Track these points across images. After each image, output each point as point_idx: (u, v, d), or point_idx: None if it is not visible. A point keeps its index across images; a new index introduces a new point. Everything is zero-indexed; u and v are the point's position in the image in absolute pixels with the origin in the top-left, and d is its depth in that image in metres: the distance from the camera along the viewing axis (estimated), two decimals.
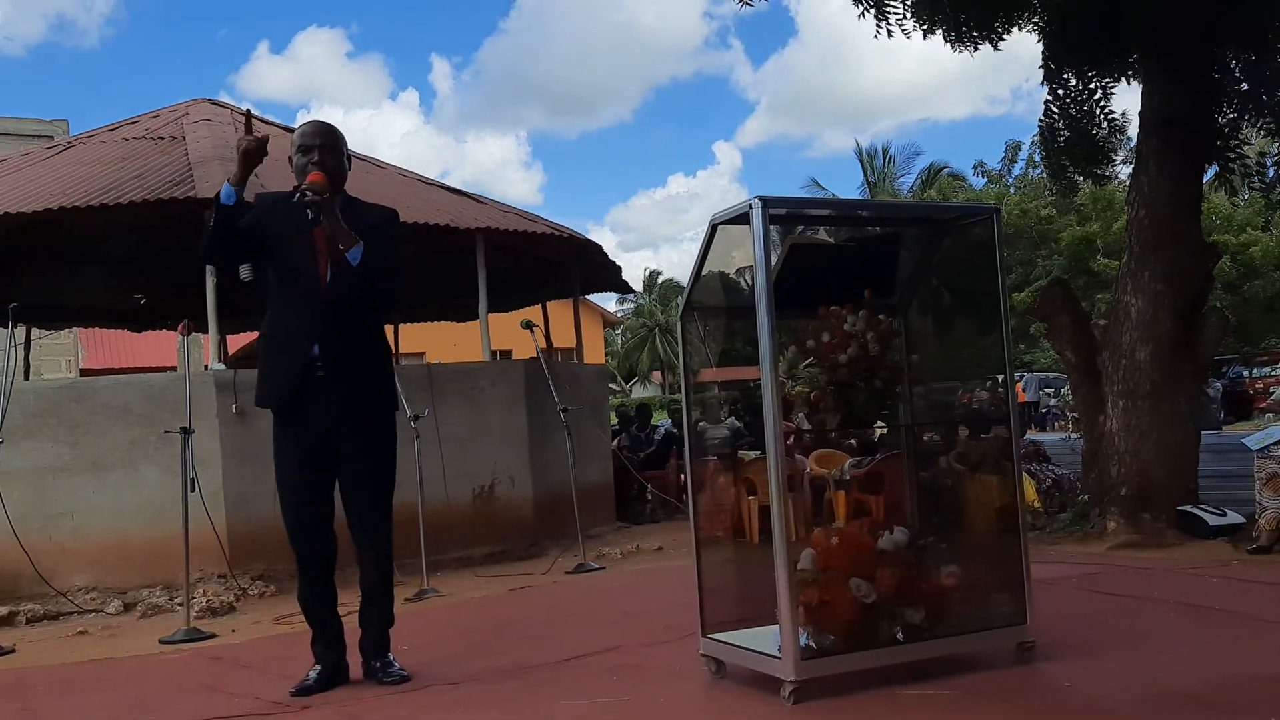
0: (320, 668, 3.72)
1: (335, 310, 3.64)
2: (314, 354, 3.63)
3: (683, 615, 3.96)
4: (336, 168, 3.71)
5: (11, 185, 7.60)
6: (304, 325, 3.66)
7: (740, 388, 9.81)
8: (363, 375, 3.71)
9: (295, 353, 3.65)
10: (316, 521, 3.71)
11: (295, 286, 3.69)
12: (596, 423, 9.09)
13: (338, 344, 3.65)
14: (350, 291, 3.63)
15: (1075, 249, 26.54)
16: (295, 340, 3.67)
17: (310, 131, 3.77)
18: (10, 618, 5.80)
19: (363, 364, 3.72)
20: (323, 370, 3.63)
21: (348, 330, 3.68)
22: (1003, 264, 3.64)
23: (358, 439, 3.71)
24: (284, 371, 3.68)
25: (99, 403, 6.64)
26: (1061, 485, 7.72)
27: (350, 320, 3.68)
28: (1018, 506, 3.69)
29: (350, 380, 3.66)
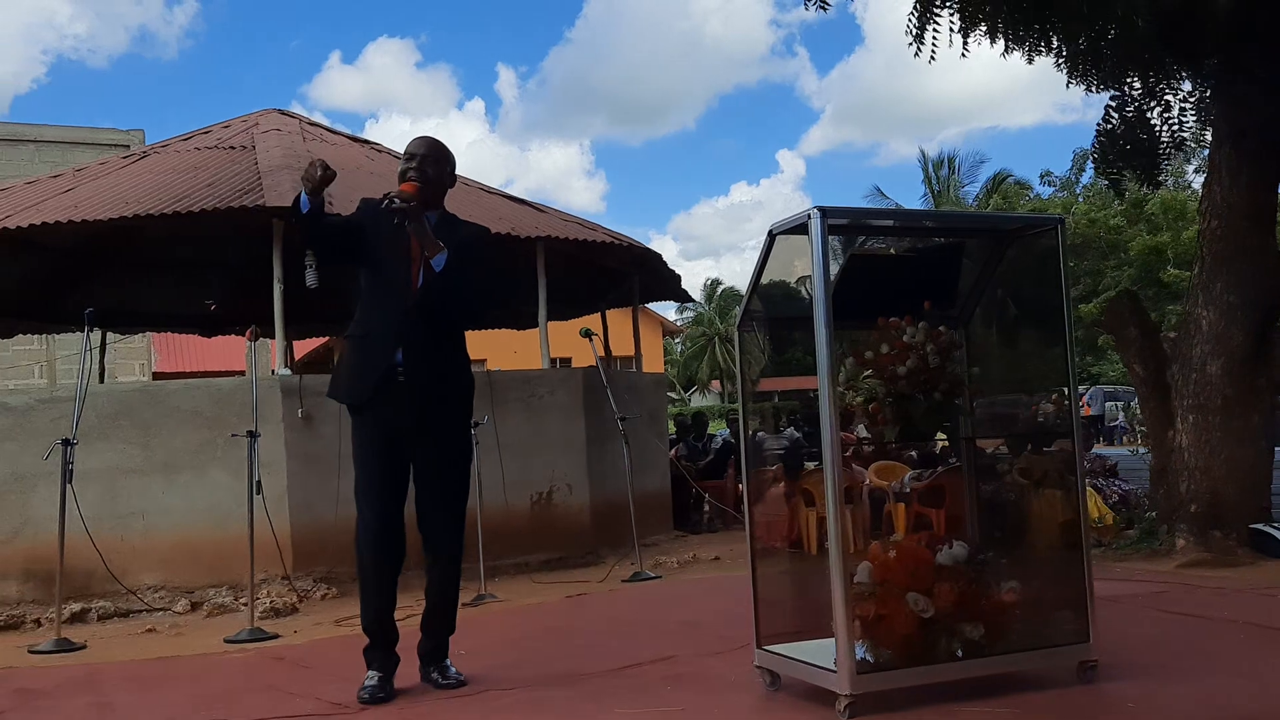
0: (380, 674, 3.74)
1: (421, 317, 3.71)
2: (397, 359, 3.69)
3: (738, 626, 3.95)
4: (435, 179, 3.81)
5: (89, 193, 7.81)
6: (390, 329, 3.73)
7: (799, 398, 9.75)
8: (442, 384, 3.78)
9: (379, 355, 3.72)
10: (390, 522, 3.74)
11: (386, 291, 3.77)
12: (654, 431, 9.10)
13: (420, 351, 3.71)
14: (437, 299, 3.71)
15: (1145, 259, 25.99)
16: (380, 343, 3.74)
17: (417, 142, 3.88)
18: (83, 614, 5.96)
19: (443, 373, 3.79)
20: (403, 375, 3.69)
21: (432, 338, 3.75)
22: (1067, 275, 3.59)
23: (434, 448, 3.77)
24: (367, 372, 3.74)
25: (170, 406, 6.80)
26: (1128, 501, 7.56)
27: (435, 329, 3.75)
28: (1081, 522, 3.62)
29: (429, 388, 3.73)
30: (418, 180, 3.73)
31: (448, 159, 3.91)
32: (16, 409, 6.80)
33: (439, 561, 3.82)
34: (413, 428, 3.72)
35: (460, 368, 3.89)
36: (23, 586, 6.57)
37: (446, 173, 3.90)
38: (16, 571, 6.60)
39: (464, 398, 3.90)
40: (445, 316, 3.79)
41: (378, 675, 3.73)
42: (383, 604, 3.78)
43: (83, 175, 8.69)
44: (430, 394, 3.73)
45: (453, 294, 3.73)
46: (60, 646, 5.20)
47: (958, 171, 38.86)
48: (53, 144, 17.63)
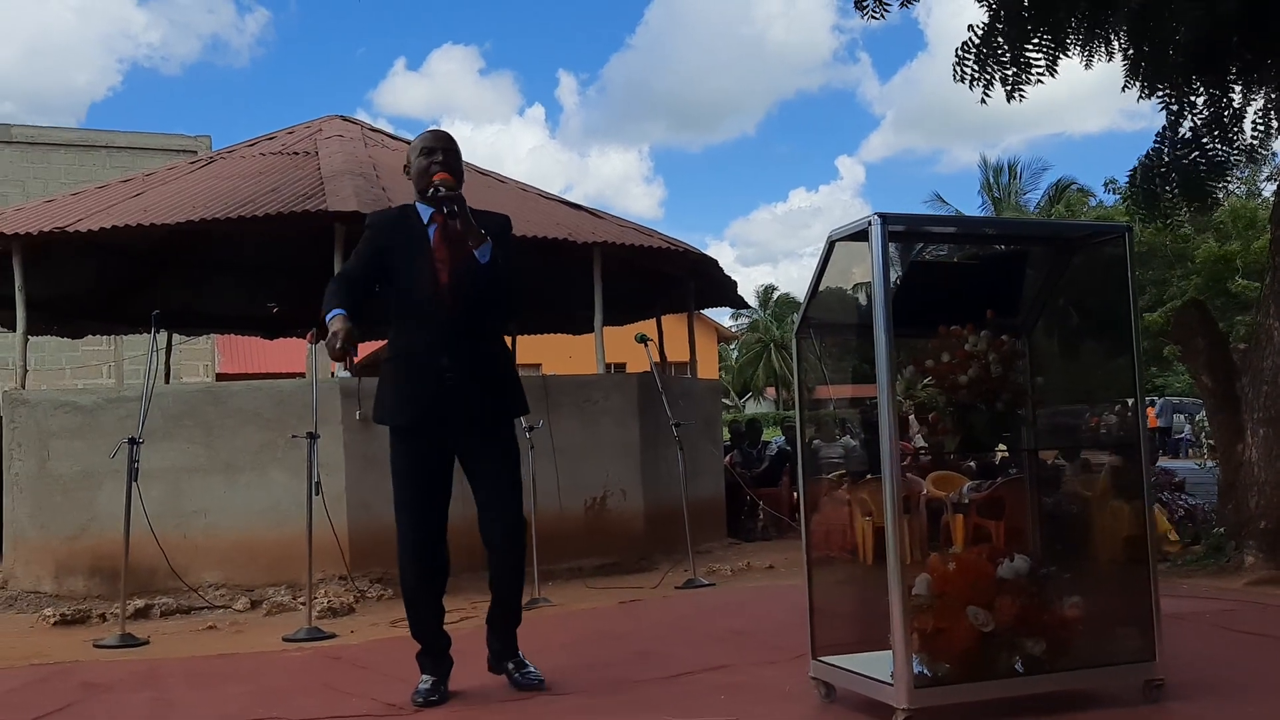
0: (434, 679, 3.73)
1: (460, 318, 3.64)
2: (445, 364, 3.62)
3: (793, 636, 3.92)
4: (457, 172, 3.73)
5: (157, 198, 7.98)
6: (431, 338, 3.65)
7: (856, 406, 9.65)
8: (491, 380, 3.73)
9: (428, 369, 3.64)
10: (435, 540, 3.72)
11: (418, 301, 3.69)
12: (709, 438, 9.07)
13: (465, 352, 3.65)
14: (476, 293, 3.64)
15: (1213, 269, 25.38)
16: (425, 356, 3.66)
17: (431, 137, 3.81)
18: (146, 610, 6.09)
19: (490, 370, 3.74)
20: (453, 379, 3.62)
21: (473, 336, 3.69)
22: (1134, 284, 3.51)
23: (489, 443, 3.73)
24: (420, 391, 3.66)
25: (232, 407, 6.92)
26: (1195, 516, 7.39)
27: (475, 325, 3.68)
28: (1147, 536, 3.53)
29: (480, 387, 3.67)
30: (447, 170, 3.65)
31: (460, 153, 3.85)
32: (85, 408, 6.97)
33: (500, 557, 3.78)
34: (464, 430, 3.68)
35: (506, 360, 3.87)
36: (89, 582, 6.72)
37: (461, 167, 3.83)
38: (83, 567, 6.76)
39: (516, 389, 3.85)
40: (484, 310, 3.70)
41: (431, 680, 3.73)
42: (429, 615, 3.77)
43: (151, 180, 8.88)
44: (481, 391, 3.67)
45: (495, 285, 3.65)
46: (124, 642, 5.31)
47: (1019, 178, 38.33)
48: (123, 150, 18.05)
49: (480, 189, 8.86)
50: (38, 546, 6.91)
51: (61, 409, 7.00)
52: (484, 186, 8.94)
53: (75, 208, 8.01)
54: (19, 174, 17.46)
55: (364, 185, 7.63)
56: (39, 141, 17.77)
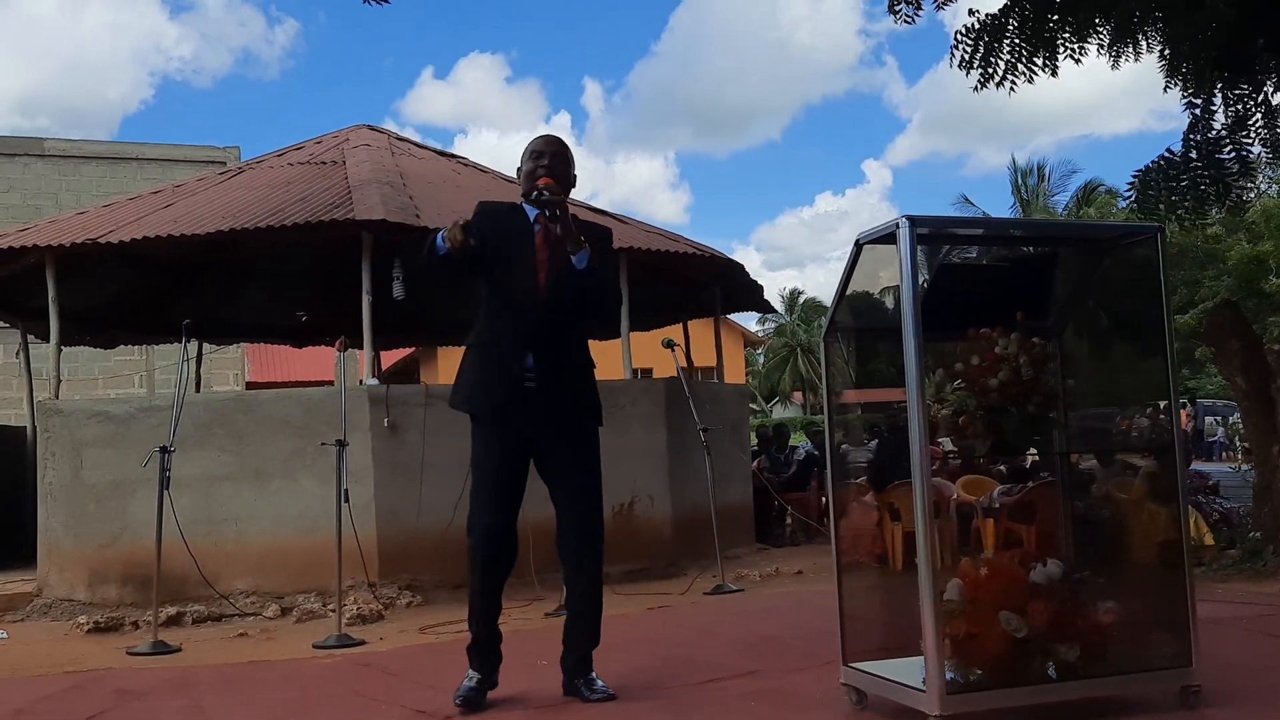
0: (480, 675, 3.70)
1: (551, 320, 3.65)
2: (528, 364, 3.63)
3: (823, 642, 3.89)
4: (564, 178, 3.75)
5: (187, 209, 8.06)
6: (518, 335, 3.65)
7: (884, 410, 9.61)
8: (571, 386, 3.72)
9: (508, 362, 3.65)
10: (505, 527, 3.70)
11: (512, 296, 3.69)
12: (736, 443, 9.04)
13: (550, 354, 3.66)
14: (570, 299, 3.65)
15: (1245, 270, 25.06)
16: (508, 350, 3.66)
17: (542, 141, 3.83)
18: (178, 618, 6.13)
19: (572, 376, 3.74)
20: (533, 381, 3.63)
21: (561, 341, 3.70)
22: (1167, 285, 3.46)
23: (568, 451, 3.73)
24: (496, 382, 3.67)
25: (262, 415, 6.96)
26: (1231, 520, 7.29)
27: (563, 331, 3.70)
28: (1183, 540, 3.49)
29: (559, 391, 3.67)
30: (551, 174, 3.67)
31: (572, 159, 3.84)
32: (118, 417, 7.04)
33: (581, 569, 3.78)
34: (542, 436, 3.68)
35: (588, 368, 3.83)
36: (122, 589, 6.78)
37: (572, 173, 3.83)
38: (116, 575, 6.82)
39: (594, 398, 3.83)
40: (575, 316, 3.73)
41: (476, 677, 3.70)
42: (486, 605, 3.75)
43: (181, 191, 8.97)
44: (560, 401, 3.67)
45: (589, 294, 3.67)
46: (157, 649, 5.34)
47: (1047, 180, 38.05)
48: (153, 161, 18.24)
49: (506, 196, 8.87)
50: (71, 555, 6.98)
51: (94, 418, 7.07)
52: (510, 194, 8.95)
53: (107, 219, 8.10)
54: (51, 187, 17.69)
55: (391, 194, 7.67)
56: (71, 155, 17.99)
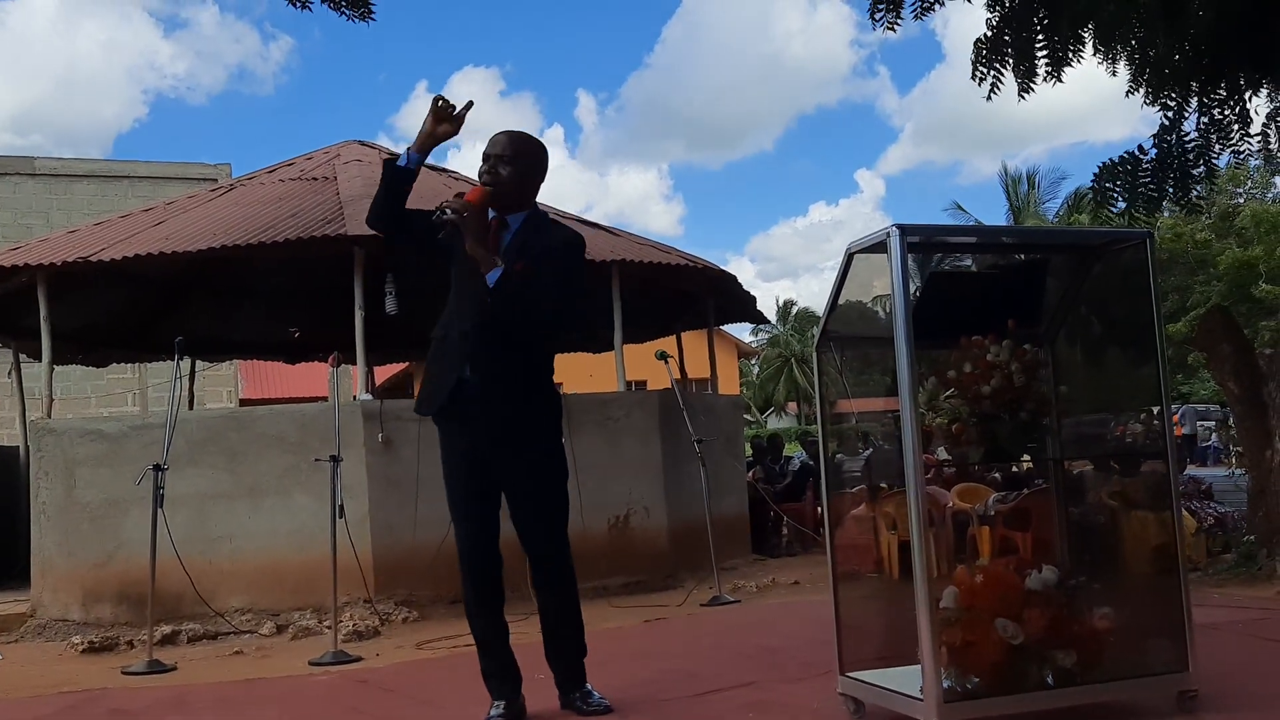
0: (503, 703, 3.56)
1: (490, 333, 3.46)
2: (465, 373, 3.49)
3: (820, 652, 3.89)
4: (512, 179, 3.52)
5: (178, 226, 8.06)
6: (462, 341, 3.51)
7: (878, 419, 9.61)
8: (518, 403, 3.52)
9: (449, 367, 3.53)
10: (485, 543, 3.61)
11: (464, 297, 3.54)
12: (731, 454, 9.04)
13: (489, 366, 3.48)
14: (504, 313, 3.42)
15: (1236, 275, 25.18)
16: (452, 354, 3.54)
17: (493, 140, 3.58)
18: (173, 636, 6.10)
19: (519, 391, 3.52)
20: (473, 391, 3.48)
21: (502, 354, 3.48)
22: (1157, 290, 3.48)
23: (519, 469, 3.58)
24: (438, 383, 3.57)
25: (256, 431, 6.95)
26: (1225, 524, 7.30)
27: (499, 345, 3.47)
28: (1177, 545, 3.49)
29: (503, 406, 3.49)
30: (490, 183, 3.48)
31: (530, 153, 3.58)
32: (111, 435, 7.02)
33: (546, 585, 3.69)
34: (490, 447, 3.54)
35: (536, 386, 3.60)
36: (116, 609, 6.75)
37: (528, 169, 3.57)
38: (111, 594, 6.79)
39: (543, 416, 3.62)
40: (516, 332, 3.49)
41: (502, 704, 3.55)
42: (487, 626, 3.65)
43: (173, 208, 8.96)
44: (502, 412, 3.50)
45: (512, 310, 3.41)
46: (152, 668, 5.32)
47: (1038, 188, 38.18)
48: (145, 179, 18.23)
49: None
50: (65, 574, 6.95)
51: (87, 437, 7.05)
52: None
53: (98, 237, 8.09)
54: (42, 205, 17.66)
55: None
56: (62, 173, 17.97)
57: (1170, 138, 6.57)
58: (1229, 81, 6.51)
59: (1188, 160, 6.49)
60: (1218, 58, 6.23)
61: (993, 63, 6.43)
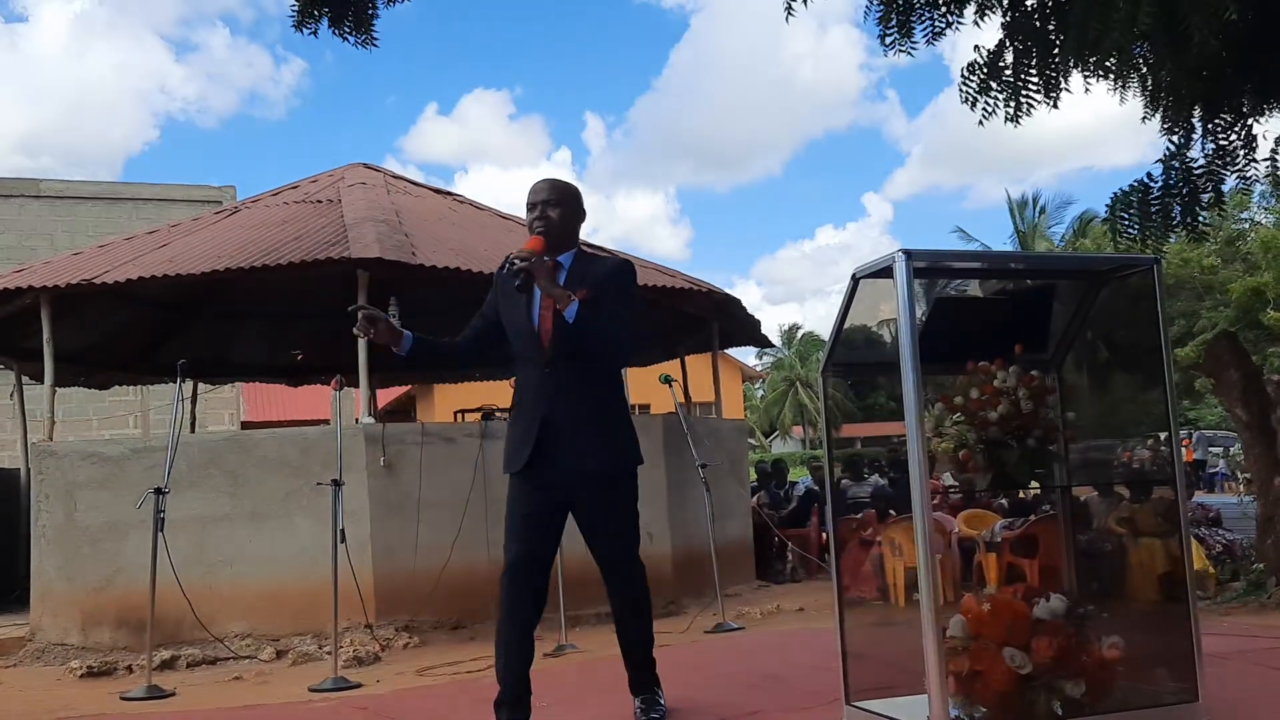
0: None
1: (561, 371, 3.63)
2: (545, 417, 3.62)
3: (825, 680, 3.84)
4: (561, 221, 3.73)
5: (182, 248, 8.06)
6: (535, 390, 3.67)
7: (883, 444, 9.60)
8: (596, 429, 3.68)
9: (530, 419, 3.66)
10: (536, 557, 3.67)
11: (524, 353, 3.72)
12: (735, 478, 9.00)
13: (566, 404, 3.63)
14: (571, 348, 3.60)
15: (1244, 301, 25.14)
16: (529, 407, 3.69)
17: (535, 188, 3.78)
18: (172, 661, 6.06)
19: (596, 419, 3.68)
20: (555, 432, 3.62)
21: (577, 388, 3.64)
22: (1165, 316, 3.45)
23: (596, 503, 3.73)
24: (520, 439, 3.69)
25: (258, 455, 6.92)
26: (1233, 551, 7.25)
27: (578, 378, 3.65)
28: (1186, 573, 3.45)
29: (582, 436, 3.64)
30: (542, 230, 3.67)
31: (571, 195, 3.81)
32: (112, 458, 7.00)
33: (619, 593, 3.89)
34: (572, 487, 3.67)
35: (614, 409, 3.79)
36: (115, 633, 6.71)
37: (573, 211, 3.79)
38: (110, 618, 6.75)
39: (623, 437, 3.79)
40: (588, 362, 3.66)
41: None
42: (513, 652, 3.65)
43: (177, 231, 8.98)
44: (585, 441, 3.64)
45: (592, 338, 3.61)
46: (151, 694, 5.27)
47: (1044, 213, 38.24)
48: (150, 201, 18.28)
49: (499, 232, 8.90)
50: (64, 598, 6.91)
51: (88, 460, 7.03)
52: (503, 230, 8.98)
53: (102, 259, 8.10)
54: (47, 227, 17.71)
55: (387, 232, 7.68)
56: (67, 195, 18.03)
57: (1176, 164, 6.55)
58: (1233, 107, 6.50)
59: (1195, 186, 6.47)
60: (1222, 83, 6.22)
61: (986, 88, 6.42)
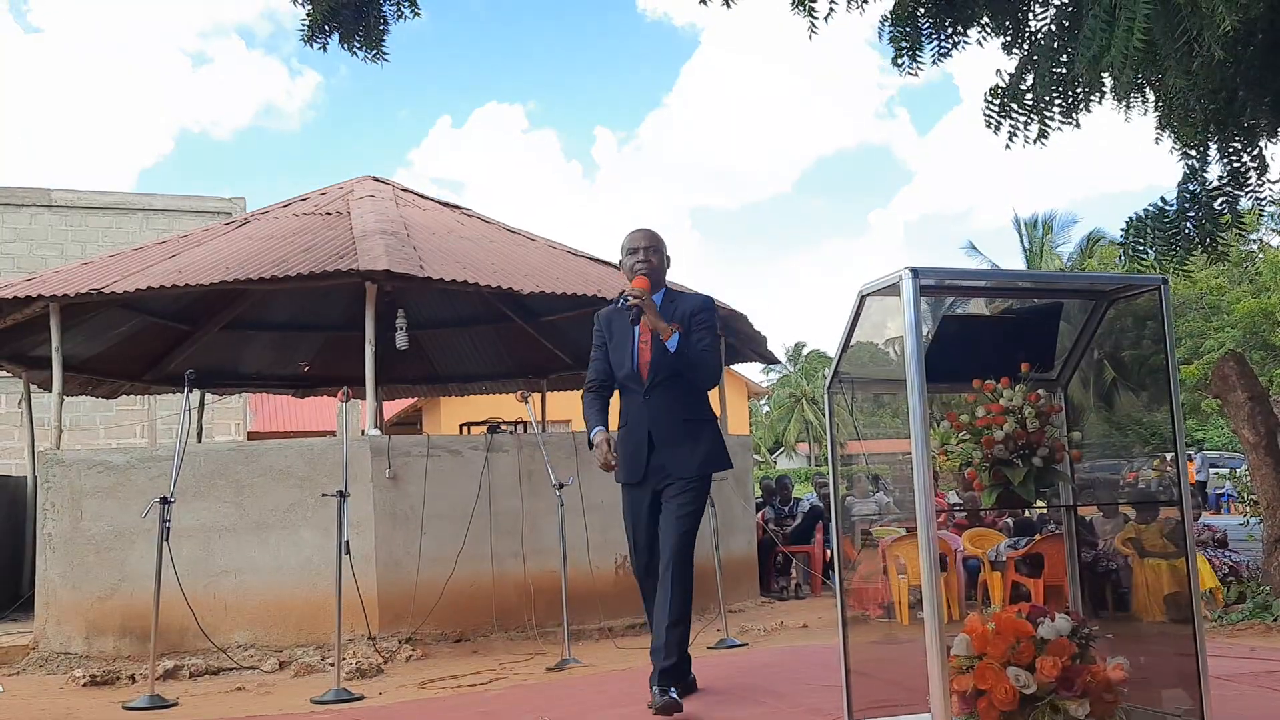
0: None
1: (659, 395, 4.34)
2: (649, 437, 4.35)
3: (828, 697, 3.83)
4: (659, 266, 4.46)
5: (191, 259, 8.09)
6: (639, 413, 4.40)
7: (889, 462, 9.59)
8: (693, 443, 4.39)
9: (637, 440, 4.39)
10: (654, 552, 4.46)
11: (627, 384, 4.44)
12: (740, 494, 8.99)
13: (667, 422, 4.34)
14: (671, 375, 4.31)
15: (1251, 322, 25.07)
16: (635, 429, 4.41)
17: (636, 235, 4.48)
18: (175, 671, 6.05)
19: (692, 435, 4.39)
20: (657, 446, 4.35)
21: (674, 409, 4.36)
22: (1172, 336, 3.45)
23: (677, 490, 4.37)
24: (632, 456, 4.42)
25: (263, 465, 6.93)
26: (1239, 573, 7.21)
27: (675, 400, 4.35)
28: (1191, 594, 3.44)
29: (678, 449, 4.35)
30: (645, 272, 4.36)
31: (663, 243, 4.50)
32: (118, 467, 7.01)
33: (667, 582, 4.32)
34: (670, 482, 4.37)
35: (707, 424, 4.49)
36: (119, 642, 6.71)
37: (665, 256, 4.51)
38: (114, 627, 6.75)
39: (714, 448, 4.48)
40: (684, 386, 4.35)
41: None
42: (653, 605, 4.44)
43: (186, 242, 9.01)
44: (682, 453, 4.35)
45: (690, 364, 4.31)
46: (153, 703, 5.26)
47: (1050, 231, 38.21)
48: (160, 212, 18.37)
49: (510, 246, 8.93)
50: (69, 606, 6.91)
51: (95, 468, 7.05)
52: (514, 245, 9.01)
53: (112, 269, 8.13)
54: (57, 237, 17.80)
55: (395, 244, 7.71)
56: (77, 205, 18.12)
57: (1192, 186, 6.55)
58: (1245, 129, 6.50)
59: (1211, 208, 6.47)
60: (1234, 104, 6.22)
61: (1009, 112, 6.44)
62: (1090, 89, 6.04)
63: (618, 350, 4.46)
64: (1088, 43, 4.69)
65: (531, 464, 7.14)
